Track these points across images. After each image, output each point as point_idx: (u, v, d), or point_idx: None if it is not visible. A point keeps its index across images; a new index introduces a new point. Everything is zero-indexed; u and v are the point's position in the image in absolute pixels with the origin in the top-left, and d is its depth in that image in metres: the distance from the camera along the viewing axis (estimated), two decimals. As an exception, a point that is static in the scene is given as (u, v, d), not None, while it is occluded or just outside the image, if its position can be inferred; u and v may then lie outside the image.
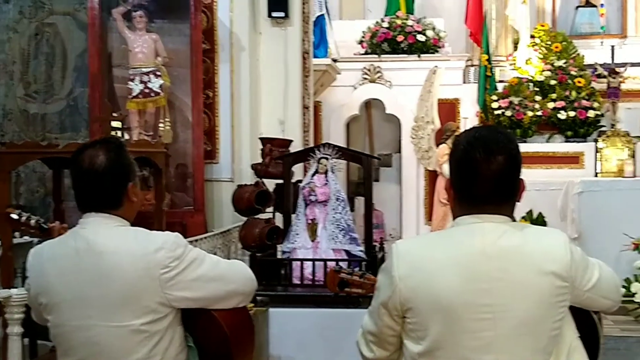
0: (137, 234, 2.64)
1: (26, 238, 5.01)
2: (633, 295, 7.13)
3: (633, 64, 10.82)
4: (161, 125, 6.52)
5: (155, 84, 6.55)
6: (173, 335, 2.64)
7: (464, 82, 11.13)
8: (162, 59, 6.60)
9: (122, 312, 2.54)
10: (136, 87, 6.57)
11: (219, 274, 2.68)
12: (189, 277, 2.58)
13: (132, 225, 2.73)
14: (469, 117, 10.74)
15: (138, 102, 6.57)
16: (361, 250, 4.84)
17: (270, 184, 5.40)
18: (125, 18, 6.67)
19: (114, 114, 6.73)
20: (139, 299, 2.54)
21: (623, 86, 10.67)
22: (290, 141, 5.88)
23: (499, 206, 2.34)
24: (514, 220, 2.47)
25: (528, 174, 9.45)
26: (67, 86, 7.37)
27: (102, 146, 2.66)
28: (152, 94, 6.55)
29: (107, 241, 2.58)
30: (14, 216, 3.03)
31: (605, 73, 10.63)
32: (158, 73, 6.57)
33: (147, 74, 6.57)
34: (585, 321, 2.50)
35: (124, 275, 2.53)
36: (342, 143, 9.76)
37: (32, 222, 3.01)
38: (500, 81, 10.93)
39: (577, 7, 11.93)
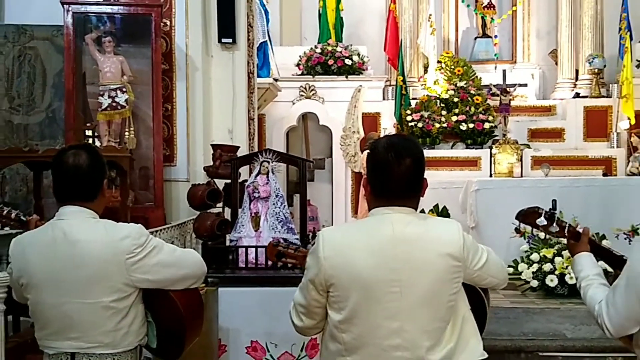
0: (106, 225, 2.63)
1: (7, 229, 4.87)
2: (520, 273, 7.26)
3: (520, 85, 11.09)
4: (127, 133, 6.45)
5: (121, 98, 6.48)
6: (136, 312, 2.64)
7: (384, 99, 11.22)
8: (128, 77, 6.53)
9: (93, 291, 2.54)
10: (105, 101, 6.50)
11: (175, 261, 2.68)
12: (150, 262, 2.59)
13: (102, 218, 2.72)
14: (387, 128, 10.83)
15: (107, 114, 6.49)
16: (297, 238, 4.82)
17: (220, 183, 5.36)
18: (96, 42, 6.59)
19: (87, 124, 6.66)
20: (108, 280, 2.54)
21: (513, 103, 10.90)
22: (238, 147, 5.83)
23: (406, 200, 2.37)
24: (422, 212, 2.51)
25: (435, 175, 9.73)
26: (46, 100, 7.24)
27: (83, 149, 2.70)
28: (119, 107, 6.49)
29: (80, 231, 2.57)
30: None
31: (498, 92, 10.84)
32: (124, 89, 6.50)
33: (114, 90, 6.50)
34: (475, 297, 2.55)
35: (95, 260, 2.53)
36: (282, 149, 9.80)
37: (12, 215, 2.96)
38: (413, 98, 11.06)
39: (475, 37, 12.15)
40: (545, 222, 2.65)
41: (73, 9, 6.42)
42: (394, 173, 2.33)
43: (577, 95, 11.33)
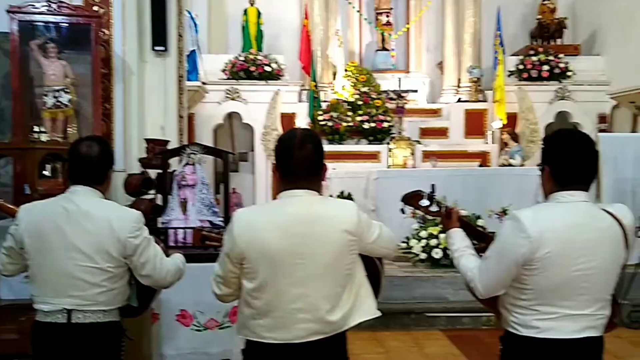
0: (114, 205, 2.73)
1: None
2: (411, 248, 7.40)
3: (413, 91, 11.31)
4: (69, 129, 6.25)
5: (64, 98, 6.25)
6: (125, 276, 2.71)
7: (299, 101, 11.21)
8: (70, 79, 6.31)
9: (96, 257, 2.59)
10: (49, 100, 6.25)
11: (161, 266, 2.76)
12: (140, 260, 2.68)
13: None
14: (302, 126, 10.83)
15: (51, 112, 6.25)
16: (221, 220, 4.79)
17: (152, 173, 5.27)
18: (41, 48, 6.33)
19: (34, 121, 6.41)
20: (109, 250, 2.60)
21: (407, 106, 11.10)
22: (168, 141, 5.77)
23: (310, 181, 2.36)
24: (331, 196, 2.51)
25: (343, 166, 9.82)
26: (-5, 99, 6.91)
27: (95, 140, 2.77)
28: (62, 106, 6.26)
29: (91, 206, 2.62)
30: None
31: (395, 97, 11.02)
32: (67, 90, 6.27)
33: (58, 91, 6.25)
34: (372, 265, 2.56)
35: (101, 232, 2.58)
36: (210, 144, 9.67)
37: None
38: (324, 101, 11.10)
39: (376, 50, 12.28)
40: (427, 203, 2.69)
41: (18, 17, 6.14)
42: (298, 155, 2.32)
43: (459, 100, 11.65)
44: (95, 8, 6.63)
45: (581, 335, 2.27)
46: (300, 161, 2.33)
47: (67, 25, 6.41)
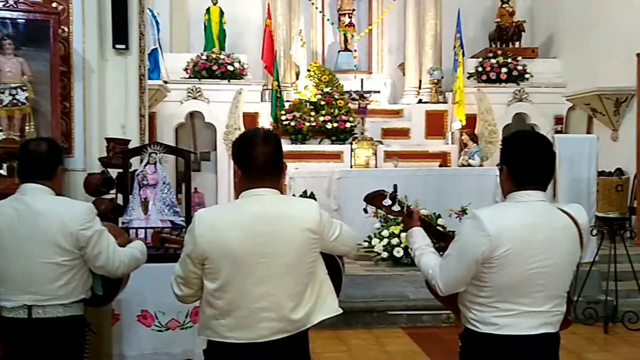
0: (64, 200, 2.81)
1: None
2: (373, 246, 7.45)
3: (375, 92, 11.37)
4: (27, 127, 6.09)
5: (21, 96, 6.08)
6: (82, 268, 2.78)
7: (262, 101, 11.18)
8: (28, 77, 6.14)
9: (50, 252, 2.66)
10: (6, 98, 6.09)
11: (114, 257, 2.81)
12: (94, 252, 2.75)
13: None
14: (265, 126, 10.79)
15: (7, 110, 6.08)
16: (182, 220, 4.74)
17: (113, 172, 5.19)
18: (-4, 45, 6.17)
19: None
20: (62, 244, 2.66)
21: (369, 107, 11.17)
22: (129, 140, 5.68)
23: (271, 179, 2.37)
24: (294, 195, 2.51)
25: (306, 166, 9.83)
26: (-52, 97, 6.67)
27: (43, 139, 2.95)
28: (19, 104, 6.10)
29: (42, 204, 2.69)
30: None
31: (357, 97, 11.07)
32: (24, 88, 6.10)
33: (15, 88, 6.08)
34: (333, 262, 2.57)
35: (53, 228, 2.64)
36: (172, 143, 9.58)
37: None
38: (287, 101, 11.08)
39: (339, 51, 12.31)
40: (390, 203, 2.72)
41: (-26, 12, 5.97)
42: (261, 152, 2.32)
43: (420, 101, 11.76)
44: (54, 4, 6.47)
45: (538, 332, 2.32)
46: (263, 159, 2.33)
47: (24, 21, 6.25)
